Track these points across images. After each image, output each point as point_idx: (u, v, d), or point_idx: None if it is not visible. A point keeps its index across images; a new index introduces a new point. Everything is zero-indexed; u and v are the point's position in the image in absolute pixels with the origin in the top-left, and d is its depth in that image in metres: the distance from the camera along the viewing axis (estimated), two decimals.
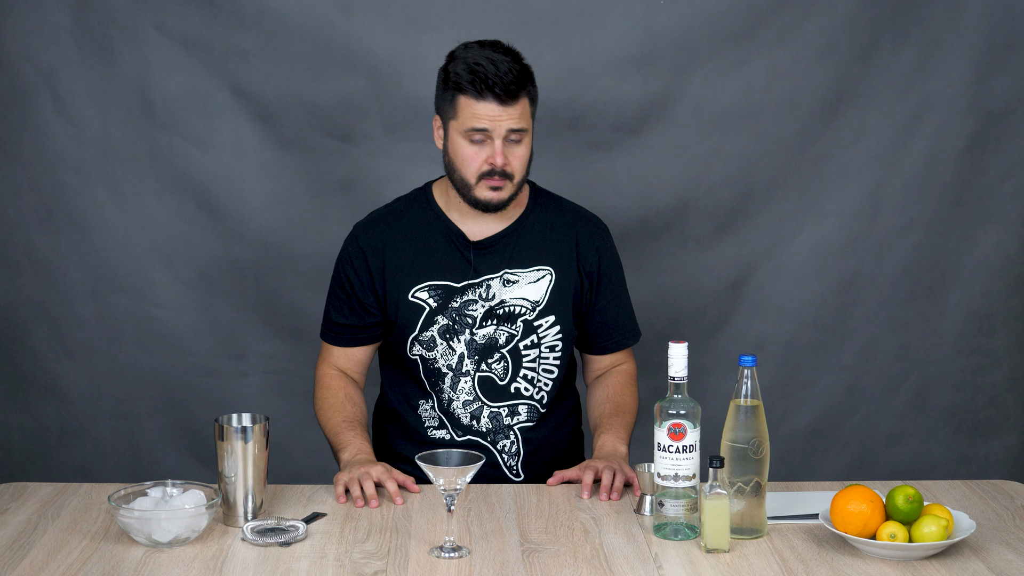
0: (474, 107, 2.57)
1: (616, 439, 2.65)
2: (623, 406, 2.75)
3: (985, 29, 3.43)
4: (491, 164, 2.59)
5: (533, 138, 2.66)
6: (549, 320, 2.71)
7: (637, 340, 2.85)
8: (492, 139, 2.58)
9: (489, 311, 2.68)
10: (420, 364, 2.71)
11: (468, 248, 2.69)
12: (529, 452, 2.74)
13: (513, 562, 2.17)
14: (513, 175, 2.61)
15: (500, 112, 2.56)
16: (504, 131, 2.58)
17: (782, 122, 3.46)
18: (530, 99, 2.62)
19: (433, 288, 2.68)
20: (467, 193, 2.63)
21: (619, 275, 2.80)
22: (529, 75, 2.62)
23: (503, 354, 2.70)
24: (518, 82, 2.57)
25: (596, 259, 2.75)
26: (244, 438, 2.31)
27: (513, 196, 2.65)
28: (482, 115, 2.56)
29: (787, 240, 3.52)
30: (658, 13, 3.40)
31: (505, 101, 2.56)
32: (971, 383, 3.58)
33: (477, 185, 2.61)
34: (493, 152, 2.58)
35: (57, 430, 3.50)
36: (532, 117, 2.64)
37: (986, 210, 3.51)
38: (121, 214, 3.43)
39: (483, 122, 2.57)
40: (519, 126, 2.59)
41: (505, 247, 2.70)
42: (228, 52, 3.37)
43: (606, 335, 2.79)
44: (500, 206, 2.64)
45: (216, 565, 2.16)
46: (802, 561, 2.17)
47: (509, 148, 2.59)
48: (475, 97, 2.56)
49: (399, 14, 3.38)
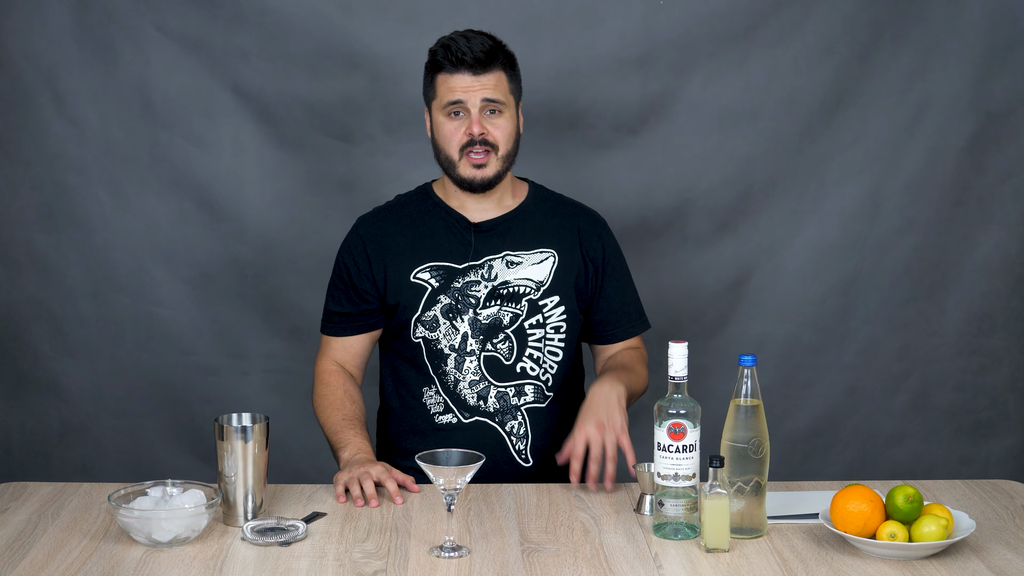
0: (449, 81, 2.66)
1: (614, 379, 2.61)
2: (630, 366, 2.74)
3: (985, 29, 3.43)
4: (469, 134, 2.66)
5: (520, 119, 2.72)
6: (554, 300, 2.72)
7: (646, 329, 2.85)
8: (468, 110, 2.66)
9: (493, 291, 2.70)
10: (423, 347, 2.72)
11: (469, 230, 2.73)
12: (538, 436, 2.74)
13: (513, 562, 2.17)
14: (496, 145, 2.67)
15: (473, 82, 2.65)
16: (479, 101, 2.65)
17: (782, 122, 3.46)
18: (508, 75, 2.69)
19: (435, 269, 2.71)
20: (453, 172, 2.70)
21: (623, 265, 2.83)
22: (505, 53, 2.70)
23: (508, 334, 2.71)
24: (489, 53, 2.66)
25: (600, 247, 2.78)
26: (244, 438, 2.32)
27: (500, 173, 2.70)
28: (456, 87, 2.65)
29: (787, 240, 3.52)
30: (658, 13, 3.40)
31: (477, 71, 2.65)
32: (972, 383, 3.58)
33: (460, 161, 2.68)
34: (471, 122, 2.65)
35: (58, 429, 3.51)
36: (515, 95, 2.71)
37: (986, 210, 3.51)
38: (122, 213, 3.43)
39: (457, 93, 2.65)
40: (494, 96, 2.66)
41: (506, 231, 2.74)
42: (228, 52, 3.37)
43: (613, 323, 2.80)
44: (487, 184, 2.69)
45: (216, 565, 2.16)
46: (802, 561, 2.18)
47: (487, 119, 2.67)
48: (449, 71, 2.66)
49: (399, 14, 3.39)
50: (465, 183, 2.69)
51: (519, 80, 2.73)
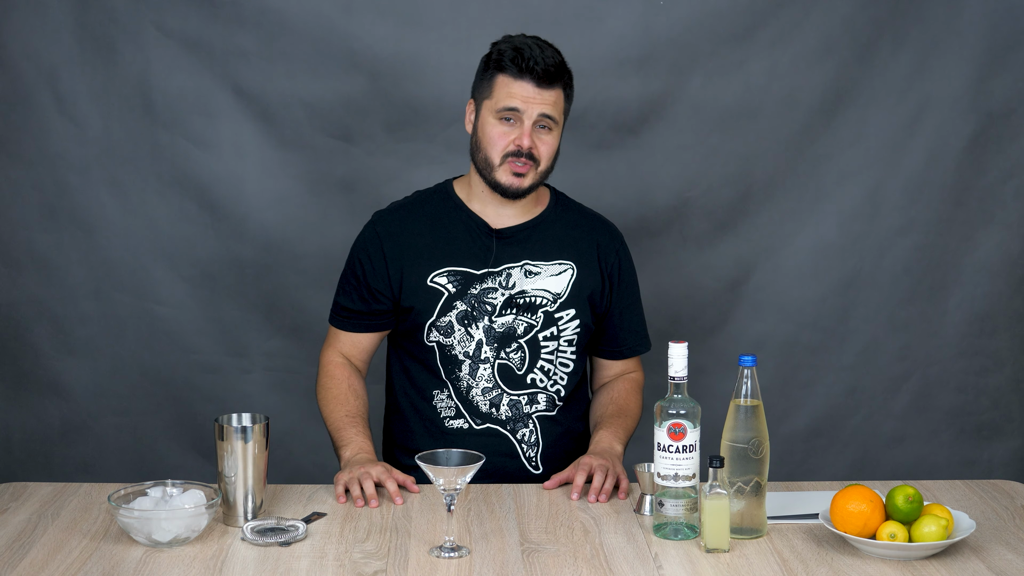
0: (511, 86, 2.60)
1: (613, 437, 2.65)
2: (626, 410, 2.75)
3: (985, 29, 3.43)
4: (518, 145, 2.61)
5: (561, 141, 2.68)
6: (570, 313, 2.71)
7: (648, 350, 2.85)
8: (523, 120, 2.61)
9: (509, 300, 2.68)
10: (437, 351, 2.70)
11: (490, 236, 2.70)
12: (548, 444, 2.73)
13: (513, 562, 2.17)
14: (539, 161, 2.63)
15: (535, 94, 2.60)
16: (536, 114, 2.60)
17: (781, 122, 3.46)
18: (566, 94, 2.65)
19: (452, 274, 2.68)
20: (489, 174, 2.65)
21: (635, 283, 2.81)
22: (569, 72, 2.65)
23: (521, 344, 2.70)
24: (558, 69, 2.61)
25: (617, 262, 2.76)
26: (244, 438, 2.32)
27: (534, 186, 2.66)
28: (517, 94, 2.60)
29: (787, 240, 3.52)
30: (657, 13, 3.40)
31: (542, 84, 2.60)
32: (974, 385, 3.58)
33: (501, 166, 2.63)
34: (521, 133, 2.61)
35: (59, 428, 3.51)
36: (566, 114, 2.67)
37: (987, 211, 3.51)
38: (123, 213, 3.44)
39: (516, 101, 2.60)
40: (551, 113, 2.62)
41: (527, 239, 2.71)
42: (229, 52, 3.37)
43: (620, 340, 2.79)
44: (520, 193, 2.65)
45: (216, 565, 2.16)
46: (802, 561, 2.18)
47: (538, 133, 2.62)
48: (514, 75, 2.60)
49: (399, 14, 3.38)
50: (500, 188, 2.64)
51: (572, 101, 2.69)
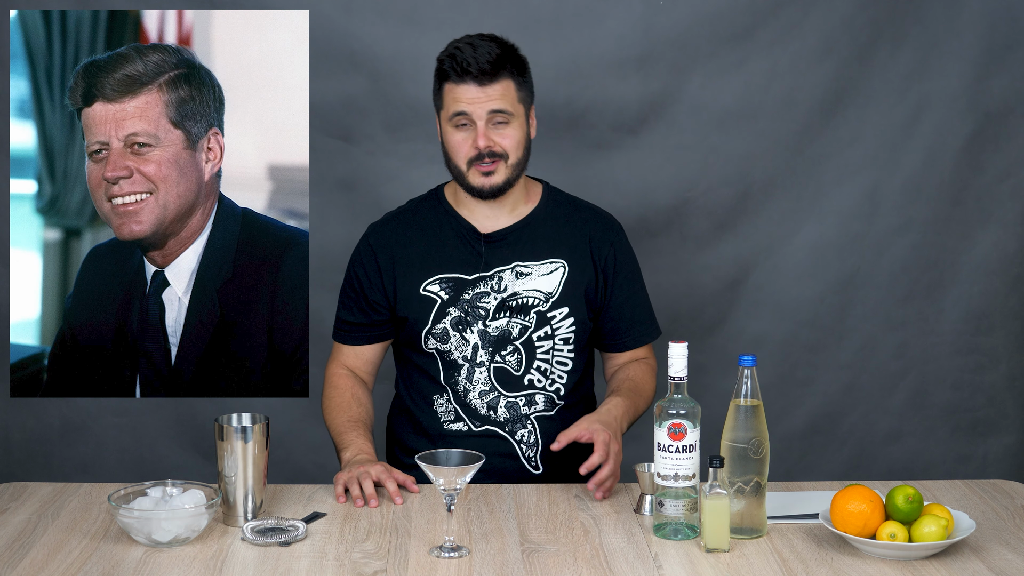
0: (455, 91, 2.60)
1: (623, 411, 2.61)
2: (640, 389, 2.72)
3: (984, 29, 3.43)
4: (476, 148, 2.61)
5: (531, 124, 2.67)
6: (563, 312, 2.70)
7: (656, 337, 2.82)
8: (474, 122, 2.60)
9: (502, 303, 2.68)
10: (438, 357, 2.71)
11: (479, 241, 2.70)
12: (548, 444, 2.71)
13: (513, 562, 2.17)
14: (505, 155, 2.62)
15: (479, 94, 2.59)
16: (485, 113, 2.60)
17: (781, 122, 3.46)
18: (517, 83, 2.63)
19: (444, 281, 2.69)
20: (463, 181, 2.66)
21: (635, 271, 2.79)
22: (514, 59, 2.63)
23: (516, 346, 2.69)
24: (496, 63, 2.59)
25: (612, 254, 2.75)
26: (244, 438, 2.32)
27: (510, 180, 2.65)
28: (461, 98, 2.60)
29: (786, 239, 3.53)
30: (657, 13, 3.40)
31: (483, 82, 2.59)
32: (969, 382, 3.59)
33: (469, 172, 2.64)
34: (476, 135, 2.61)
35: (59, 427, 3.50)
36: (524, 102, 2.64)
37: (984, 210, 3.52)
38: None
39: (462, 105, 2.60)
40: (500, 107, 2.60)
41: (516, 240, 2.71)
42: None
43: (623, 332, 2.78)
44: (496, 191, 2.65)
45: (216, 565, 2.16)
46: (802, 561, 2.18)
47: (494, 130, 2.62)
48: (455, 81, 2.60)
49: (399, 14, 3.38)
50: (475, 191, 2.65)
51: (530, 85, 2.67)
